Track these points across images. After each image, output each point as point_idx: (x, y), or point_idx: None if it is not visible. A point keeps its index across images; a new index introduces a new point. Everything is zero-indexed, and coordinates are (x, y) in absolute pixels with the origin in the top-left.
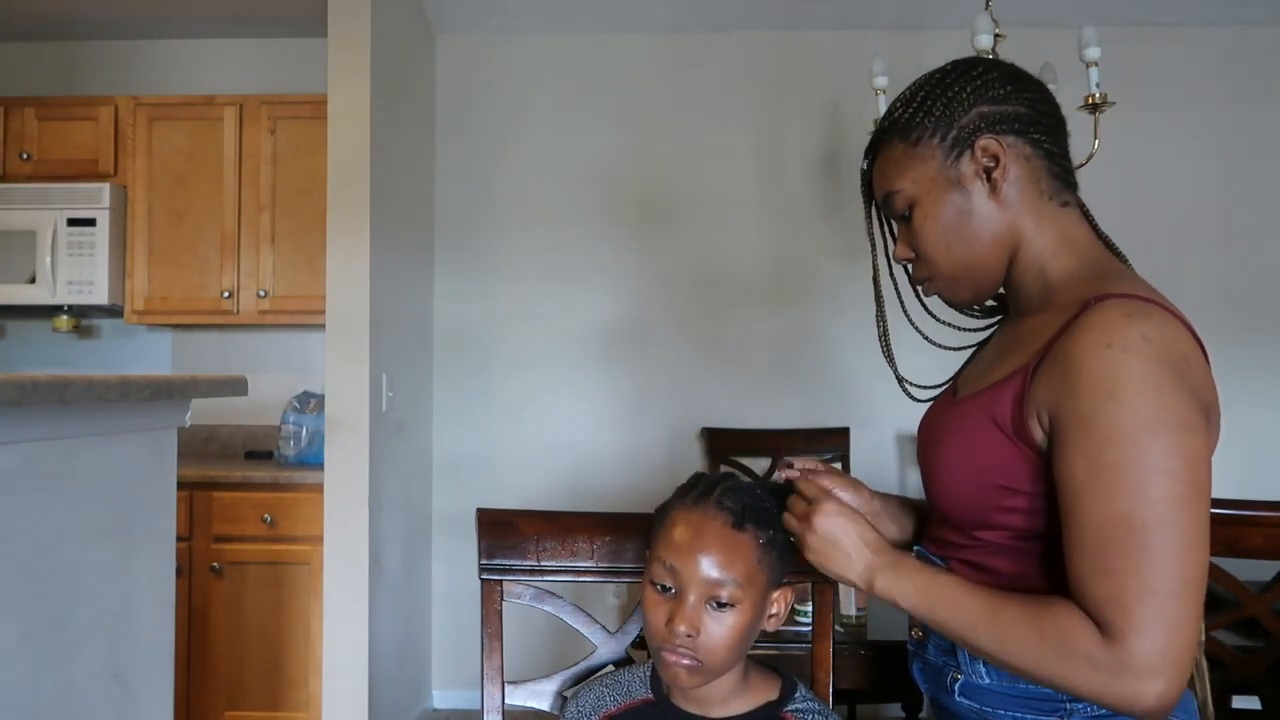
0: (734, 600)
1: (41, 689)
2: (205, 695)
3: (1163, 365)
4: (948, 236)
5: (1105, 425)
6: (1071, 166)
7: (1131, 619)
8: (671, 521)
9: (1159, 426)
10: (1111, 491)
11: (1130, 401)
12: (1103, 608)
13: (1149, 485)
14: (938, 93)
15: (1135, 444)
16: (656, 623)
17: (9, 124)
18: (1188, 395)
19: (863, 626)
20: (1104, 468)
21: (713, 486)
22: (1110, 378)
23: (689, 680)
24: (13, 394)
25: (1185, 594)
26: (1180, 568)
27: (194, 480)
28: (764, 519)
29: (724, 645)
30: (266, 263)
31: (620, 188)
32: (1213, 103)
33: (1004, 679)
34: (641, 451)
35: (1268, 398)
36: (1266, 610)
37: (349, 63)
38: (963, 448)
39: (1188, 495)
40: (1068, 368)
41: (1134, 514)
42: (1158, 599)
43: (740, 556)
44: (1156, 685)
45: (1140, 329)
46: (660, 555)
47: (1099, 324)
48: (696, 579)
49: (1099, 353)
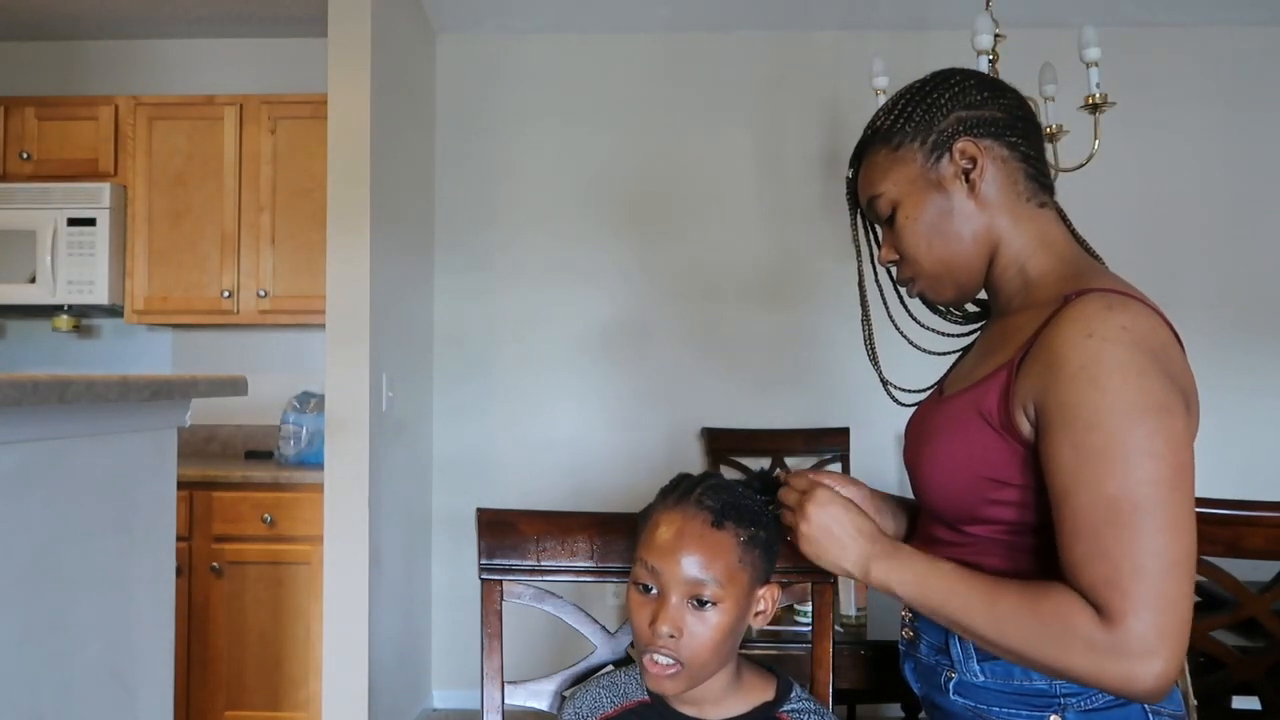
0: (716, 599)
1: (41, 689)
2: (205, 695)
3: (1141, 352)
4: (930, 236)
5: (1089, 411)
6: (1048, 170)
7: (1128, 600)
8: (654, 523)
9: (1141, 410)
10: (1099, 475)
11: (1112, 387)
12: (1098, 590)
13: (1134, 467)
14: (917, 100)
15: (1119, 427)
16: (640, 624)
17: (9, 124)
18: (1167, 381)
19: (862, 626)
20: (1090, 452)
21: (693, 486)
22: (1092, 365)
23: (673, 688)
24: (13, 394)
25: (1177, 573)
26: (1169, 547)
27: (194, 480)
28: (745, 516)
29: (707, 645)
30: (266, 263)
31: (620, 187)
32: (1213, 103)
33: (998, 677)
34: (641, 451)
35: (1268, 398)
36: (1266, 610)
37: (349, 63)
38: (951, 443)
39: (1172, 476)
40: (1051, 359)
41: (1122, 496)
42: (1151, 579)
43: (721, 555)
44: (1155, 665)
45: (1119, 319)
46: (642, 556)
47: (1080, 316)
48: (678, 578)
49: (1080, 342)
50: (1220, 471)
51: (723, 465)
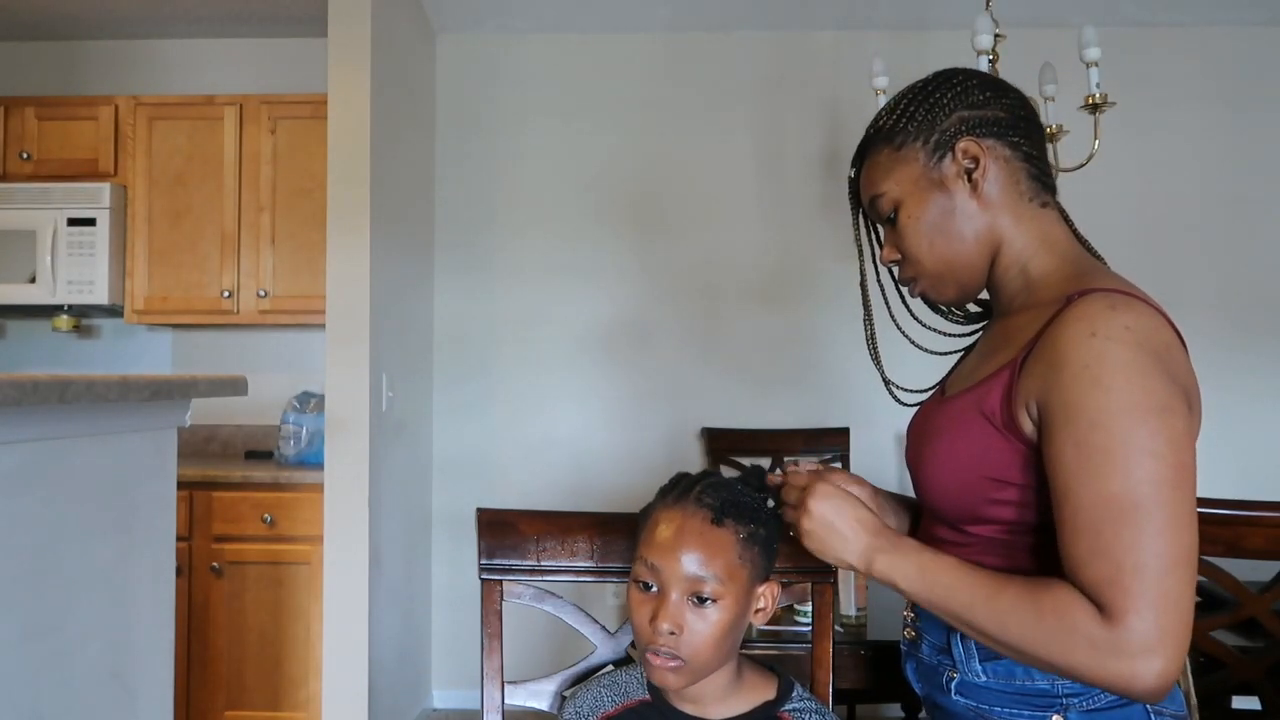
0: (716, 596)
1: (41, 689)
2: (205, 695)
3: (1145, 352)
4: (931, 235)
5: (1092, 410)
6: (1050, 170)
7: (1130, 598)
8: (653, 521)
9: (1143, 410)
10: (1101, 473)
11: (1115, 387)
12: (1100, 589)
13: (1135, 466)
14: (920, 99)
15: (1121, 427)
16: (641, 622)
17: (9, 124)
18: (1169, 381)
19: (862, 626)
20: (1092, 451)
21: (693, 484)
22: (1096, 365)
23: (676, 682)
24: (13, 394)
25: (1178, 572)
26: (1171, 546)
27: (194, 480)
28: (744, 513)
29: (708, 642)
30: (266, 263)
31: (620, 187)
32: (1213, 103)
33: (1000, 677)
34: (641, 451)
35: (1268, 398)
36: (1266, 610)
37: (349, 63)
38: (954, 443)
39: (1173, 476)
40: (1054, 358)
41: (1124, 494)
42: (1152, 578)
43: (720, 552)
44: (1155, 664)
45: (1123, 319)
46: (642, 554)
47: (1083, 315)
48: (678, 575)
49: (1084, 342)
50: (1220, 471)
51: (723, 465)
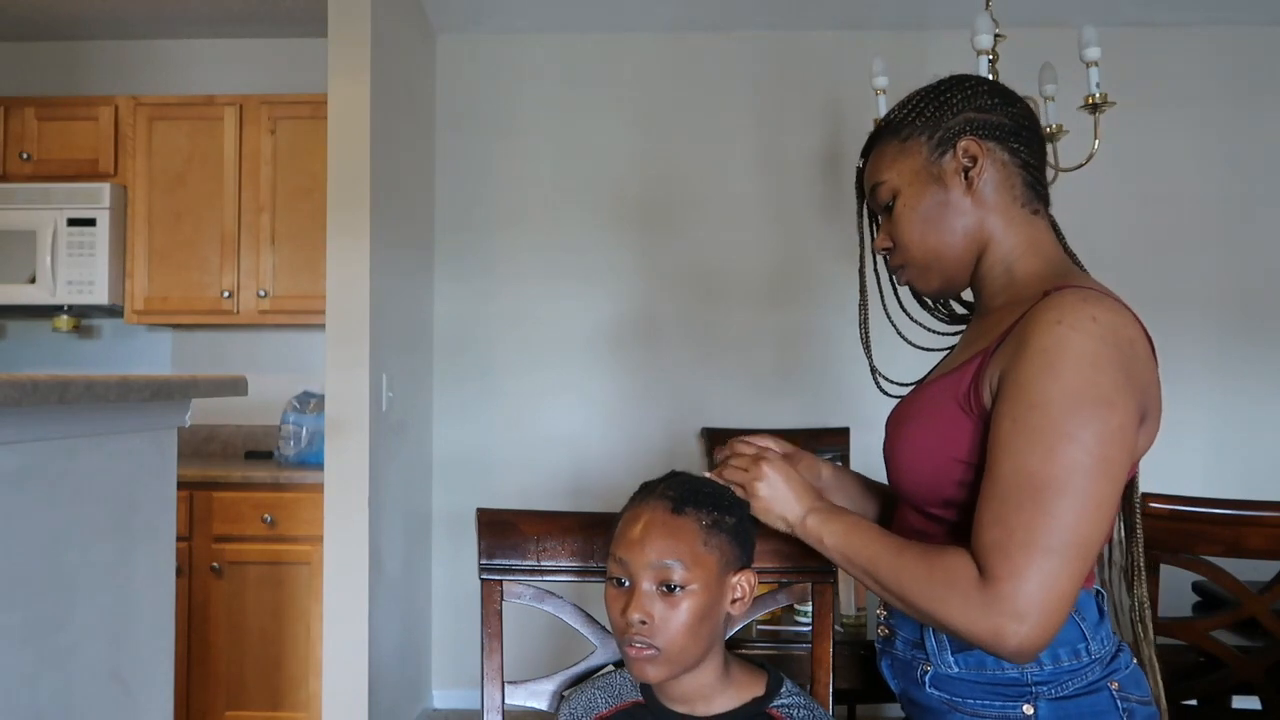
0: (684, 583)
1: (41, 689)
2: (205, 695)
3: (1106, 345)
4: (923, 225)
5: (1036, 392)
6: (1046, 181)
7: (1008, 565)
8: (623, 522)
9: (1083, 399)
10: (1024, 450)
11: (1065, 374)
12: (987, 553)
13: (1058, 450)
14: (930, 98)
15: (1058, 411)
16: (615, 616)
17: (9, 124)
18: (1123, 377)
19: (862, 626)
20: (1024, 428)
21: (658, 483)
22: (1054, 349)
23: (655, 673)
24: (13, 394)
25: (1068, 555)
26: (1067, 531)
27: (194, 480)
28: (706, 502)
29: (681, 630)
30: (266, 263)
31: (620, 187)
32: (1213, 103)
33: (971, 667)
34: (641, 451)
35: (1268, 398)
36: (1266, 610)
37: (349, 63)
38: (925, 426)
39: (1091, 466)
40: (1020, 341)
41: (1038, 473)
42: (1039, 553)
43: (683, 539)
44: (1021, 628)
45: (1091, 311)
46: (612, 551)
47: (1055, 305)
48: (644, 565)
49: (1049, 328)
50: (1220, 471)
51: None
